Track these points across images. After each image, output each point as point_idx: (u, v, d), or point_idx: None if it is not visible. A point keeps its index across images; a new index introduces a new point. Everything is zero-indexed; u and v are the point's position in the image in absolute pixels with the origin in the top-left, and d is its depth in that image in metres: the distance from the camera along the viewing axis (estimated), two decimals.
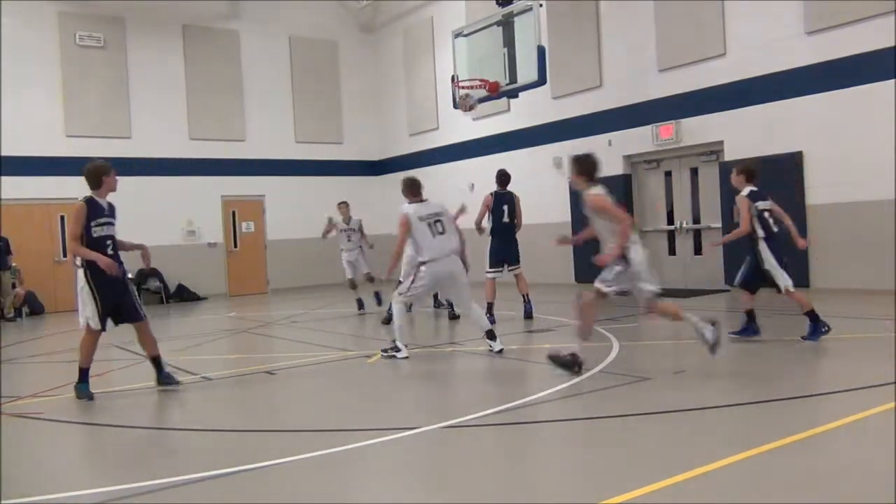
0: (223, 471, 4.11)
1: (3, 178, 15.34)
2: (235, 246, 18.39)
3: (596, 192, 6.20)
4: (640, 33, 13.54)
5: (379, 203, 20.30)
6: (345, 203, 12.66)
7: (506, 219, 10.06)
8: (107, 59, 16.74)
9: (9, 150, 15.38)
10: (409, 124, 19.40)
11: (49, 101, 16.08)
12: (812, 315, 7.16)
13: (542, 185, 14.88)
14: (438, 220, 7.55)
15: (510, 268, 10.16)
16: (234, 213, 18.40)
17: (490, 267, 10.09)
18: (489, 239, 10.21)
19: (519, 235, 10.33)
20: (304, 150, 19.29)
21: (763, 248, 7.30)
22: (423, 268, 7.48)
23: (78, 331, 6.51)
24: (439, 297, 11.81)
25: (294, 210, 18.67)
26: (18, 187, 15.49)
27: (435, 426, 4.83)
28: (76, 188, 17.05)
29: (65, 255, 16.08)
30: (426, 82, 18.64)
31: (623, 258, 6.04)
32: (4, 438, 5.43)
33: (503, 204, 10.10)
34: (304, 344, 9.26)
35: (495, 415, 5.05)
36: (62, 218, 16.16)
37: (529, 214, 14.13)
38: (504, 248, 10.11)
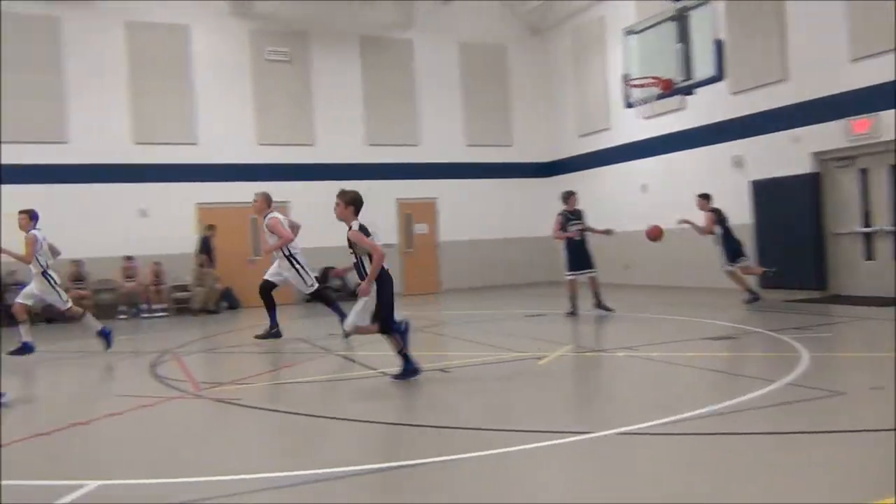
0: (393, 464, 4.28)
1: (205, 183, 16.88)
2: (410, 247, 19.04)
3: None
4: (829, 19, 12.57)
5: (549, 205, 20.28)
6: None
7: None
8: (293, 72, 17.92)
9: (210, 159, 16.91)
10: (579, 125, 19.20)
11: (243, 112, 17.45)
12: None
13: (721, 185, 14.16)
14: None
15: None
16: (408, 216, 19.07)
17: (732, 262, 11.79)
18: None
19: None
20: (474, 154, 19.63)
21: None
22: None
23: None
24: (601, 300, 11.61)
25: (466, 212, 19.14)
26: (218, 192, 16.96)
27: (608, 432, 4.77)
28: (268, 192, 18.36)
29: (257, 255, 17.38)
30: (596, 82, 18.37)
31: None
32: (206, 420, 5.97)
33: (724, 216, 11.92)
34: (477, 344, 9.43)
35: (669, 424, 4.90)
36: (253, 220, 17.49)
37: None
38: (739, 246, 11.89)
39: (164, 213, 16.54)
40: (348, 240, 6.81)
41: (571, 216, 11.83)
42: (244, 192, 17.23)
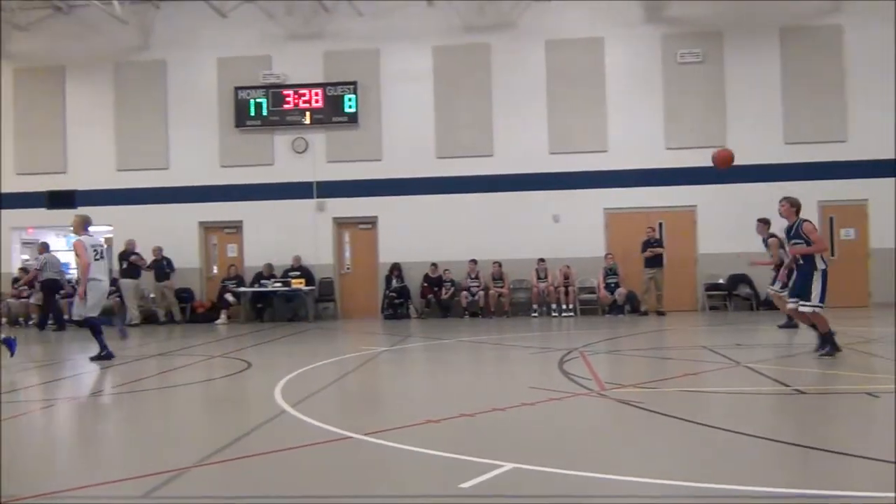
0: (801, 491, 3.93)
1: (613, 189, 17.36)
2: (833, 254, 17.18)
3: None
4: None
5: None
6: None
7: None
8: (705, 72, 17.44)
9: (619, 165, 17.35)
10: None
11: (652, 118, 17.50)
12: None
13: None
14: None
15: None
16: (831, 219, 17.24)
17: None
18: None
19: None
20: None
21: None
22: None
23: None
24: None
25: None
26: (625, 197, 17.36)
27: None
28: (674, 197, 18.37)
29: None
30: None
31: None
32: (609, 419, 6.14)
33: None
34: None
35: None
36: (660, 225, 17.48)
37: None
38: None
39: (575, 218, 17.42)
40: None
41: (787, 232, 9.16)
42: (650, 196, 17.38)
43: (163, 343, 13.45)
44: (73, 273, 19.68)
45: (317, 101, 18.03)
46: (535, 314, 16.92)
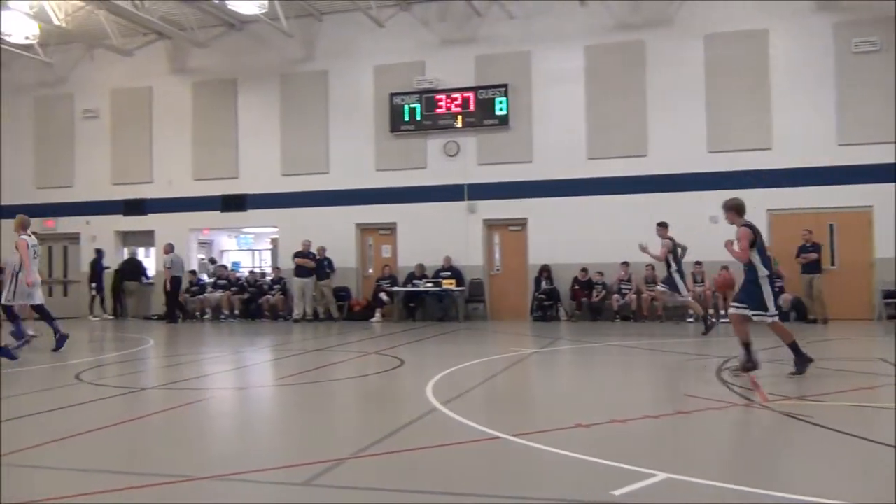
0: None
1: (777, 189, 16.33)
2: None
3: None
4: None
5: None
6: None
7: None
8: (883, 62, 16.05)
9: (784, 164, 16.31)
10: None
11: (822, 112, 16.30)
12: None
13: None
14: None
15: None
16: None
17: None
18: None
19: None
20: None
21: None
22: None
23: None
24: None
25: None
26: (791, 197, 16.29)
27: None
28: (848, 196, 17.12)
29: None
30: None
31: None
32: (773, 433, 5.80)
33: None
34: None
35: None
36: (830, 227, 16.31)
37: None
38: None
39: None
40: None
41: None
42: (820, 196, 16.21)
43: (321, 339, 14.12)
44: (235, 271, 21.08)
45: (468, 105, 18.28)
46: (691, 319, 16.27)
